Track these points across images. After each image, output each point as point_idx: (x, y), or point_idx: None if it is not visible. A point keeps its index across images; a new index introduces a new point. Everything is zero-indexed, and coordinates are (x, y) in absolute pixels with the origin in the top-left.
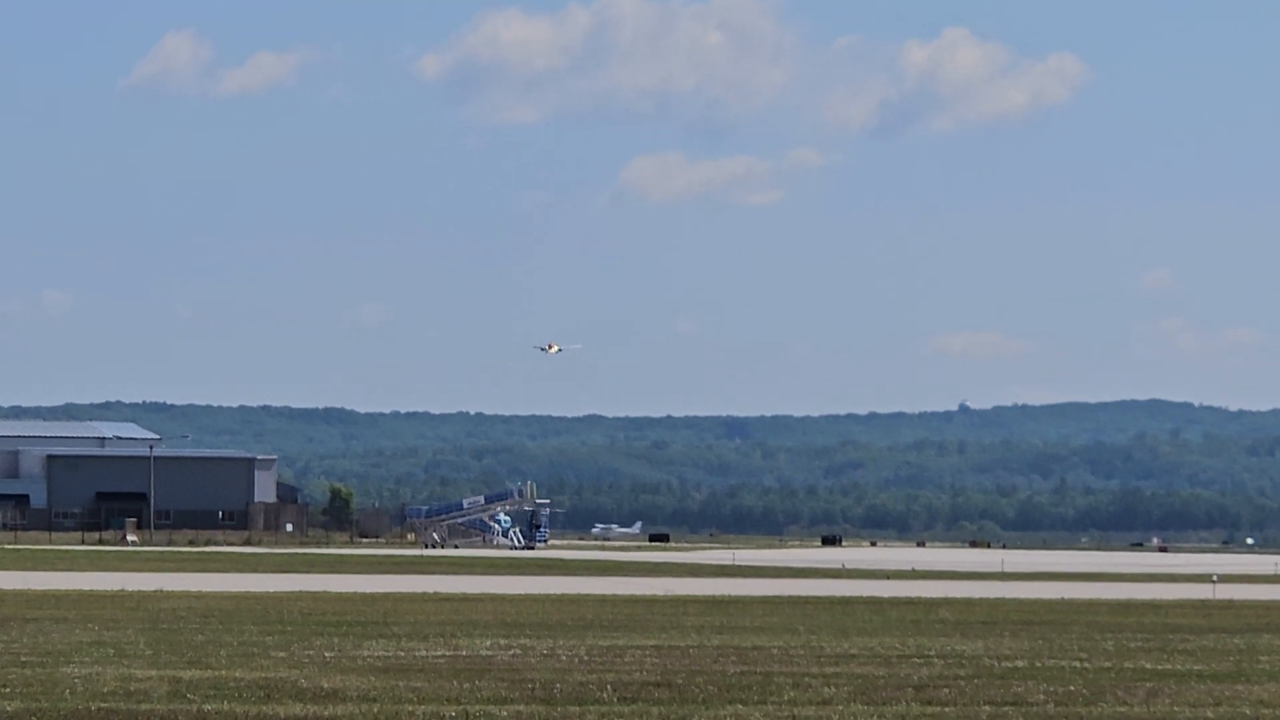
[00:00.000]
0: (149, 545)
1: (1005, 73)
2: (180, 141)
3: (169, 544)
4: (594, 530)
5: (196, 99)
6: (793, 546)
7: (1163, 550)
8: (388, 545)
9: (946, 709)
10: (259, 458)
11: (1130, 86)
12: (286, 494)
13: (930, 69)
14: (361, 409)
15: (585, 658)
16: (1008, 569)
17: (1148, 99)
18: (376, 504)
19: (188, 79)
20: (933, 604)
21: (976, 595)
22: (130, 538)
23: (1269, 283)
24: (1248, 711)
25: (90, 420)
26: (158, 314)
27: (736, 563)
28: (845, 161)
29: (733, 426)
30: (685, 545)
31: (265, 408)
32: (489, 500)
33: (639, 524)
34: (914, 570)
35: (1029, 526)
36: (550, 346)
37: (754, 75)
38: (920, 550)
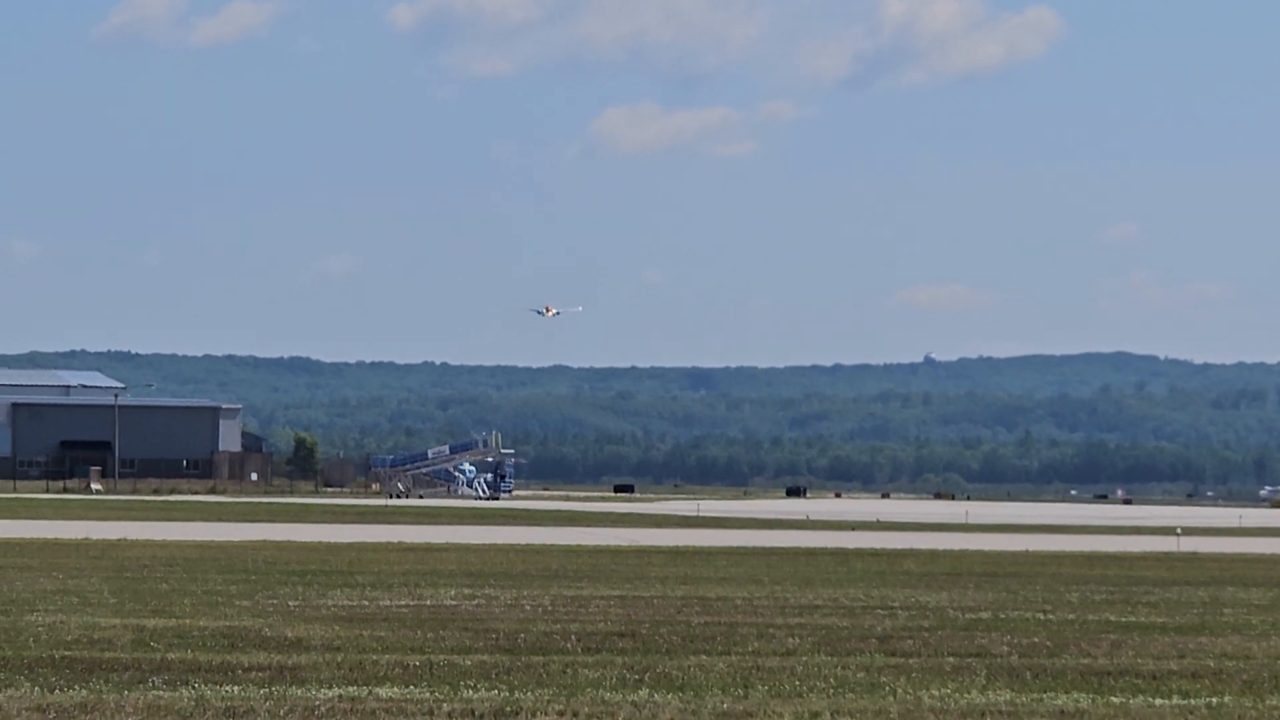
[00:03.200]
0: (113, 494)
1: (981, 26)
2: (153, 90)
3: (133, 492)
4: None
5: (170, 48)
6: (757, 498)
7: (1127, 502)
8: (352, 495)
9: (910, 660)
10: (224, 407)
11: (1105, 42)
12: (251, 443)
13: (907, 21)
14: (327, 359)
15: (549, 608)
16: (972, 521)
17: (1121, 54)
18: (341, 453)
19: (161, 28)
20: (897, 555)
21: (941, 547)
22: (95, 486)
23: (1236, 237)
24: (1211, 664)
25: (55, 369)
26: (123, 263)
27: (701, 514)
28: (819, 113)
29: (698, 377)
30: (650, 496)
31: (230, 357)
32: (454, 450)
33: None
34: (878, 522)
35: (993, 479)
36: (547, 310)
37: (729, 26)
38: (885, 502)
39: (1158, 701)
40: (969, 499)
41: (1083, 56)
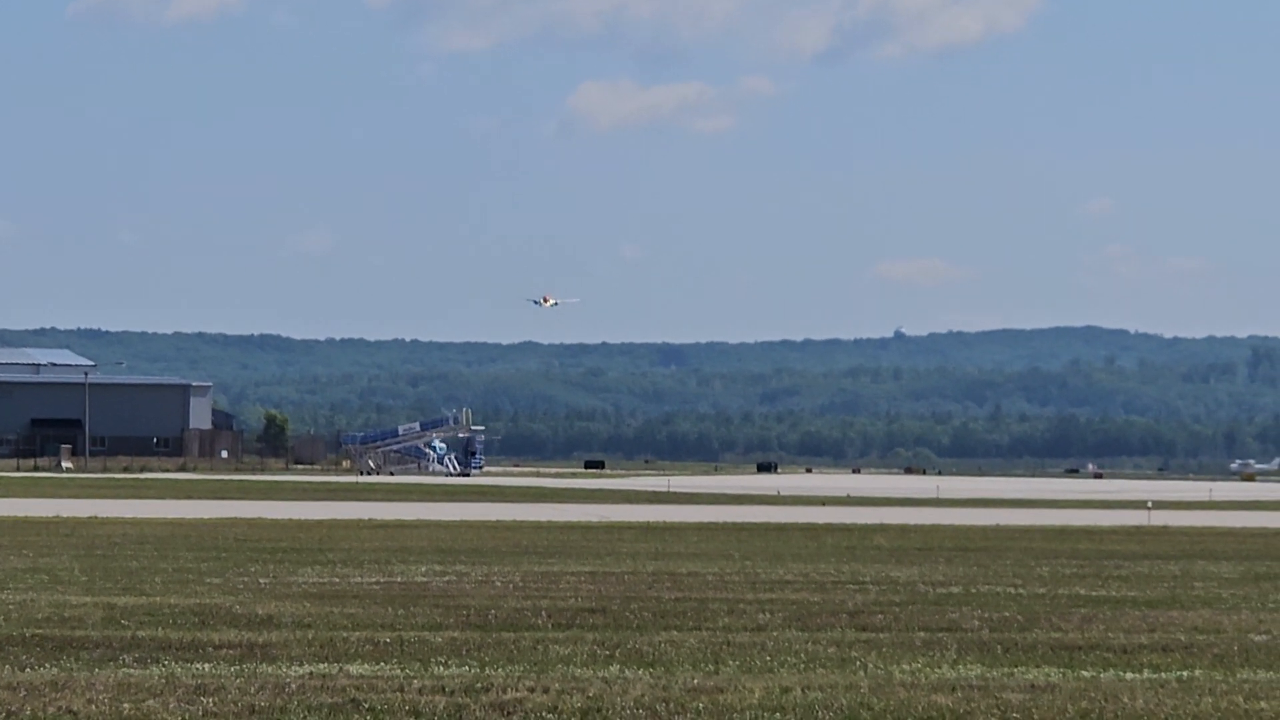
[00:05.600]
0: (84, 472)
1: (959, 0)
2: (128, 67)
3: (104, 470)
4: None
5: (145, 25)
6: (728, 473)
7: (1098, 476)
8: (323, 472)
9: (881, 634)
10: (194, 384)
11: (1083, 16)
12: (222, 421)
13: None
14: (297, 336)
15: (520, 584)
16: (943, 495)
17: (1099, 29)
18: (312, 431)
19: (137, 4)
20: (868, 530)
21: (911, 522)
22: (65, 464)
23: (1211, 211)
24: (1181, 638)
25: (24, 346)
26: (94, 240)
27: (672, 489)
28: (797, 88)
29: (668, 353)
30: (620, 472)
31: (200, 334)
32: (424, 427)
33: None
34: (849, 497)
35: (964, 453)
36: (545, 300)
37: (706, 1)
38: (855, 477)
39: (1128, 675)
40: (940, 474)
41: (1061, 31)
